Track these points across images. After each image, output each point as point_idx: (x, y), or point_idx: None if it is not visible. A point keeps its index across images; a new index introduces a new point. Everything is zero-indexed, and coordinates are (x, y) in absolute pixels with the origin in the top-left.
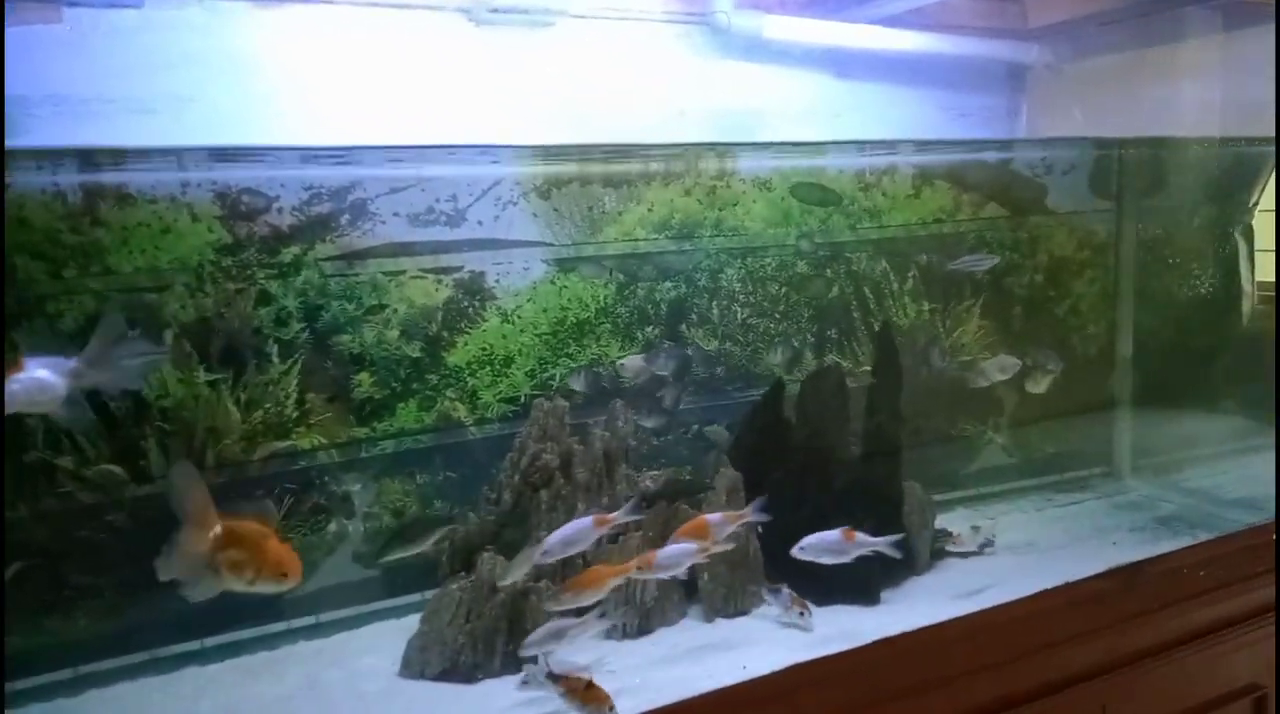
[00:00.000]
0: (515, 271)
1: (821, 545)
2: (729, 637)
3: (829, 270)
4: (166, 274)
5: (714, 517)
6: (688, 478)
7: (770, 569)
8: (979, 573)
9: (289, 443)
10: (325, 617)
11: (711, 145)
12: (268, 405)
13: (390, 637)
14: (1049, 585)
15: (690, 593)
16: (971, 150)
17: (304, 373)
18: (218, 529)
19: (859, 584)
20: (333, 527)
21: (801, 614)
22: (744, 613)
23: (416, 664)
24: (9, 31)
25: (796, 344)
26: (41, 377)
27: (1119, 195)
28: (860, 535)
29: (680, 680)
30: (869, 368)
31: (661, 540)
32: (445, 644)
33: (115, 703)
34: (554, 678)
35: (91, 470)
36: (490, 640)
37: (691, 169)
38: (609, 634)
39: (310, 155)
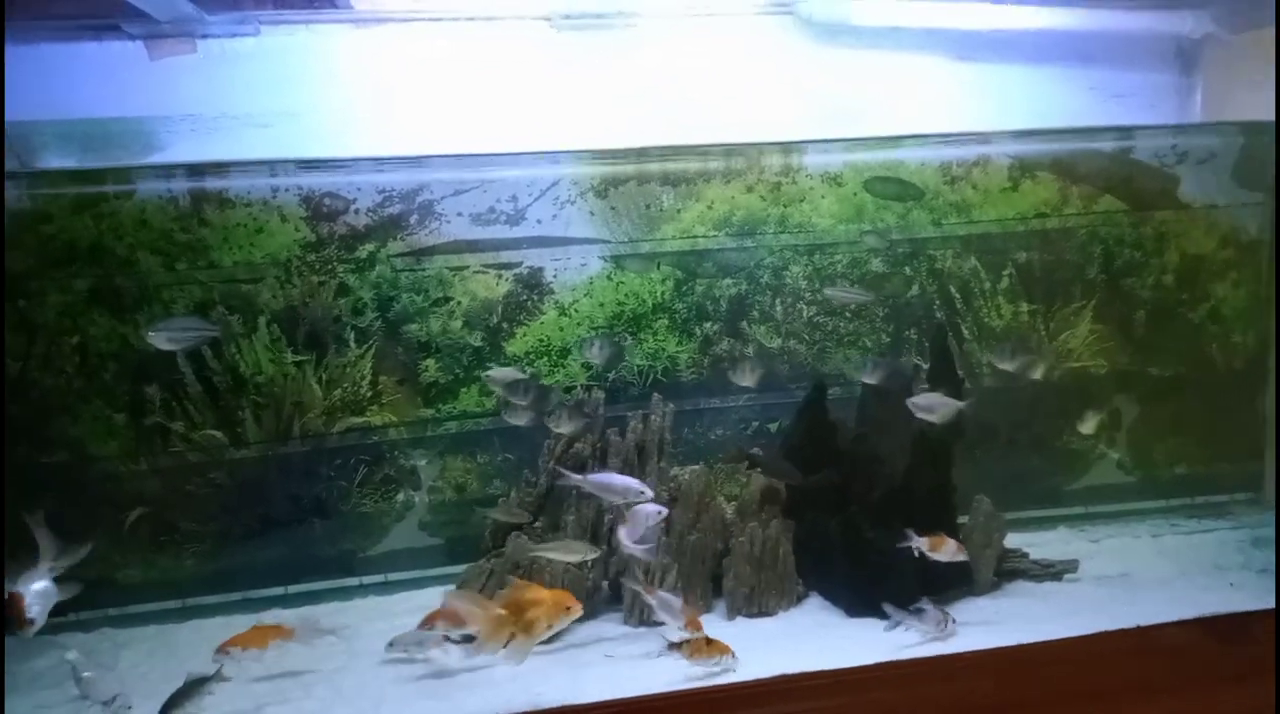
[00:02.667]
0: (572, 267)
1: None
2: (740, 636)
3: (908, 268)
4: (260, 268)
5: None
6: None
7: (803, 573)
8: (1047, 602)
9: (363, 419)
10: (394, 576)
11: (772, 144)
12: (345, 385)
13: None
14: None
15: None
16: (1085, 139)
17: (377, 357)
18: (502, 612)
19: (893, 599)
20: (401, 496)
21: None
22: (767, 614)
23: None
24: (167, 62)
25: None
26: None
27: (1276, 186)
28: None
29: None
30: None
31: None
32: None
33: (211, 632)
34: (675, 646)
35: (198, 434)
36: None
37: (754, 166)
38: (626, 619)
39: (381, 166)
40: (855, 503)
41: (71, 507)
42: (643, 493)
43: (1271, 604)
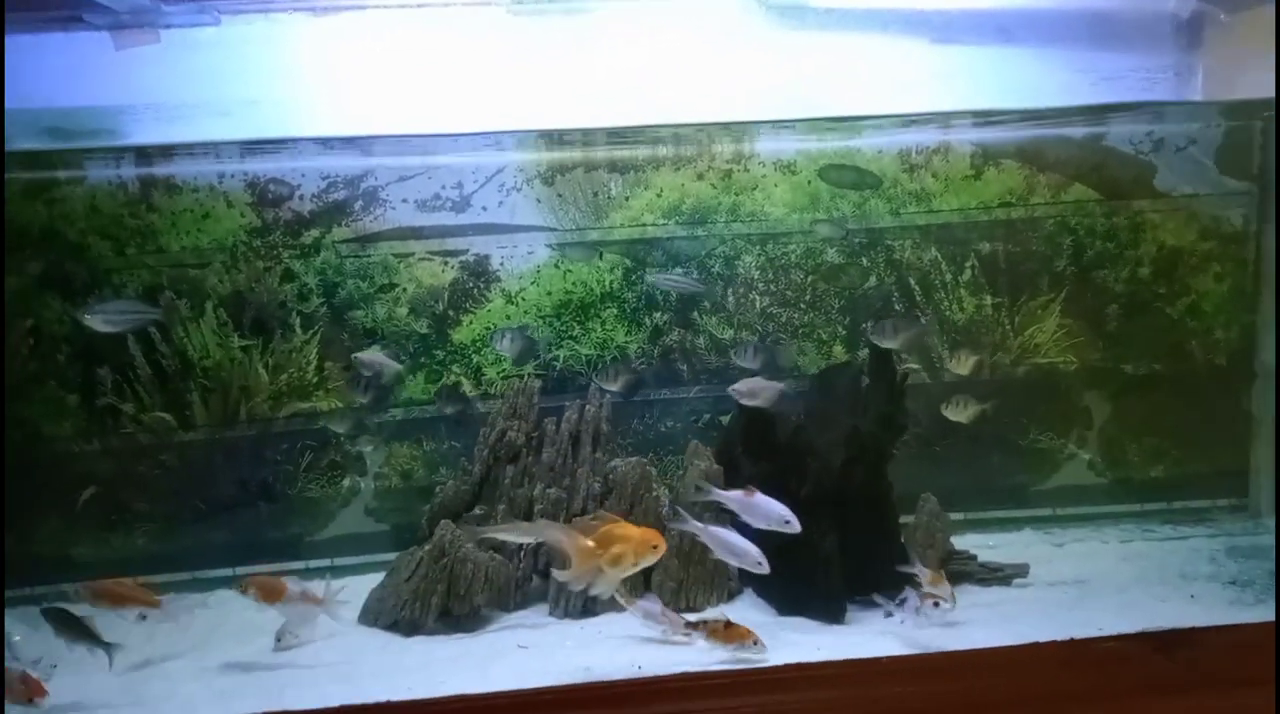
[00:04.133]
0: (519, 255)
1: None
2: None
3: (864, 259)
4: (207, 253)
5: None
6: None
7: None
8: (990, 608)
9: (309, 404)
10: (340, 562)
11: (717, 124)
12: (291, 370)
13: None
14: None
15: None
16: (1054, 123)
17: (323, 343)
18: (591, 544)
19: (825, 600)
20: (346, 482)
21: (937, 604)
22: (694, 610)
23: (373, 614)
24: (131, 52)
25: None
26: None
27: (1263, 174)
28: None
29: (571, 668)
30: (915, 365)
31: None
32: (398, 599)
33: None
34: (692, 625)
35: (147, 416)
36: (428, 601)
37: (705, 153)
38: (551, 610)
39: (328, 146)
40: (788, 498)
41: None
42: (760, 564)
43: (1233, 619)
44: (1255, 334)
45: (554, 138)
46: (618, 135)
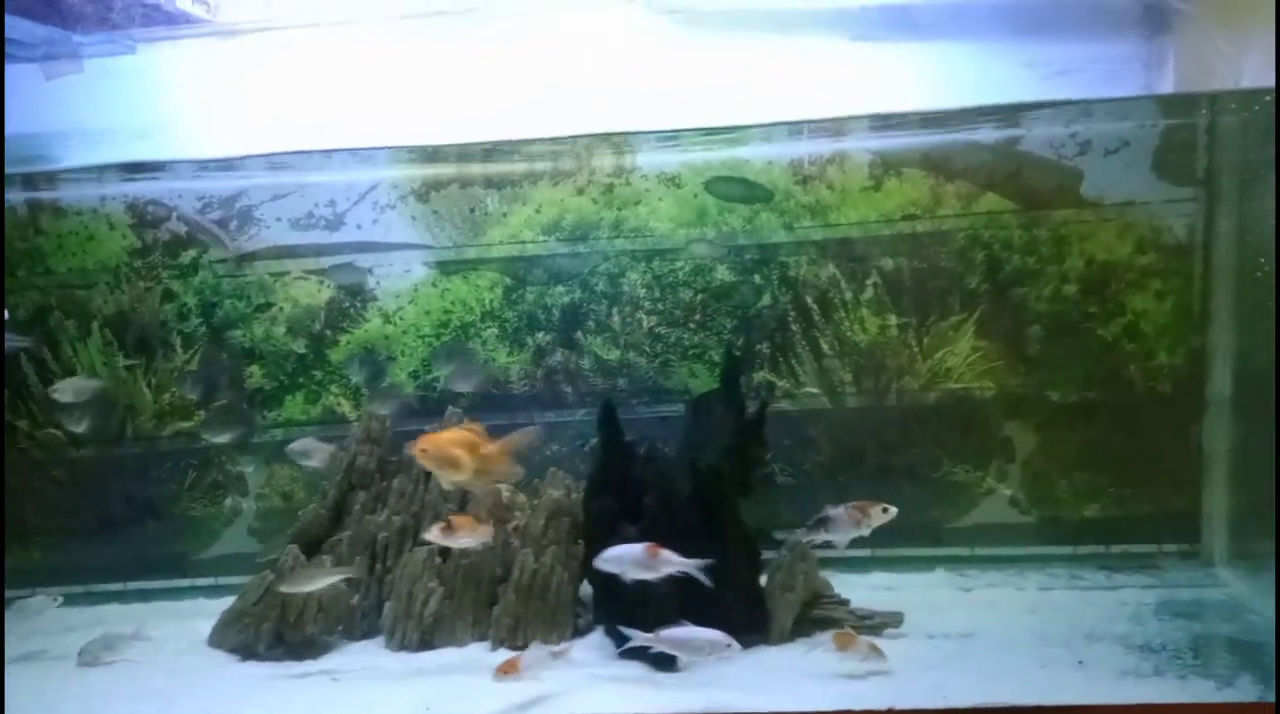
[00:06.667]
0: (396, 274)
1: (625, 559)
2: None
3: (757, 276)
4: (93, 274)
5: None
6: None
7: (598, 605)
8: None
9: (191, 424)
10: (224, 580)
11: (593, 136)
12: (173, 389)
13: None
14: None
15: None
16: (960, 127)
17: (203, 363)
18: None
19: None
20: (228, 502)
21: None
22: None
23: (219, 636)
24: (60, 81)
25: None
26: None
27: (1209, 179)
28: (665, 553)
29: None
30: (815, 389)
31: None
32: (240, 622)
33: (47, 622)
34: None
35: (40, 433)
36: (261, 626)
37: (584, 167)
38: (387, 642)
39: (204, 167)
40: (621, 539)
41: None
42: (730, 645)
43: (1113, 697)
44: (1206, 359)
45: (428, 153)
46: (496, 150)
